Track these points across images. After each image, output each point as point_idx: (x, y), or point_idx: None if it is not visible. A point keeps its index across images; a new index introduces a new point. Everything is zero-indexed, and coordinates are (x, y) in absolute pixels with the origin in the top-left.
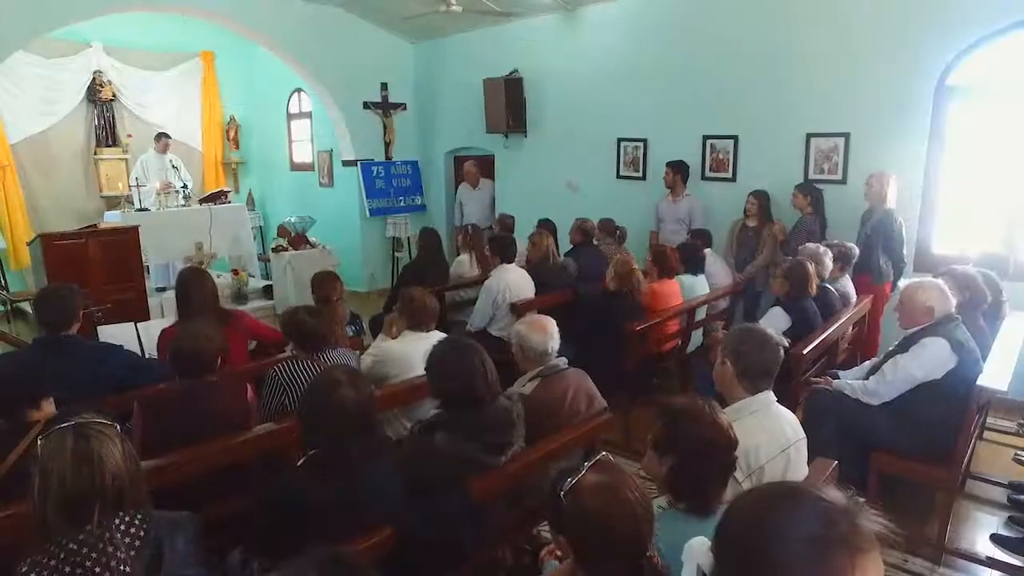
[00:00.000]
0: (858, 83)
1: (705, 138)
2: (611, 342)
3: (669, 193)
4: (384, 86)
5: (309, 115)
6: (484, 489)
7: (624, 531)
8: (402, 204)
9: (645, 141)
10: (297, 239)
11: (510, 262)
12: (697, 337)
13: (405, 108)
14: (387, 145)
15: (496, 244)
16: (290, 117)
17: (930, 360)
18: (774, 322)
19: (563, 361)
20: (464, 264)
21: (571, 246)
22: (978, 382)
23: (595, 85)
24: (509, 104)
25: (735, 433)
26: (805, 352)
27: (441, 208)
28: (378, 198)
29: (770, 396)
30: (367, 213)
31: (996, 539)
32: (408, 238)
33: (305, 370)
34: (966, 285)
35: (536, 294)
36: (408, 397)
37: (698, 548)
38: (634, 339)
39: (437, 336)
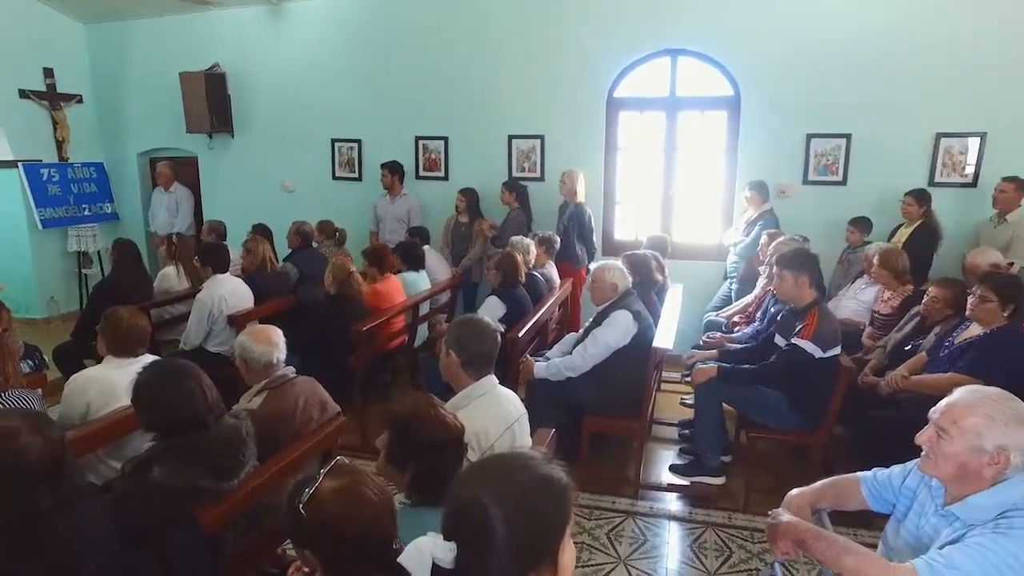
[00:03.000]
0: (550, 92)
1: (418, 139)
2: (338, 345)
3: (387, 193)
4: (49, 72)
5: None
6: (217, 517)
7: (369, 531)
8: (87, 213)
9: (359, 142)
10: None
11: (223, 272)
12: (423, 331)
13: (81, 100)
14: (60, 144)
15: (206, 253)
16: None
17: (618, 330)
18: (491, 311)
19: (291, 370)
20: (170, 277)
21: (290, 250)
22: (653, 344)
23: (306, 84)
24: (211, 101)
25: (460, 422)
26: (520, 335)
27: (138, 216)
28: (53, 207)
29: (493, 379)
30: (38, 225)
31: (672, 468)
32: (99, 252)
33: None
34: (639, 265)
35: (256, 303)
36: (114, 433)
37: (427, 545)
38: (361, 340)
39: (147, 360)
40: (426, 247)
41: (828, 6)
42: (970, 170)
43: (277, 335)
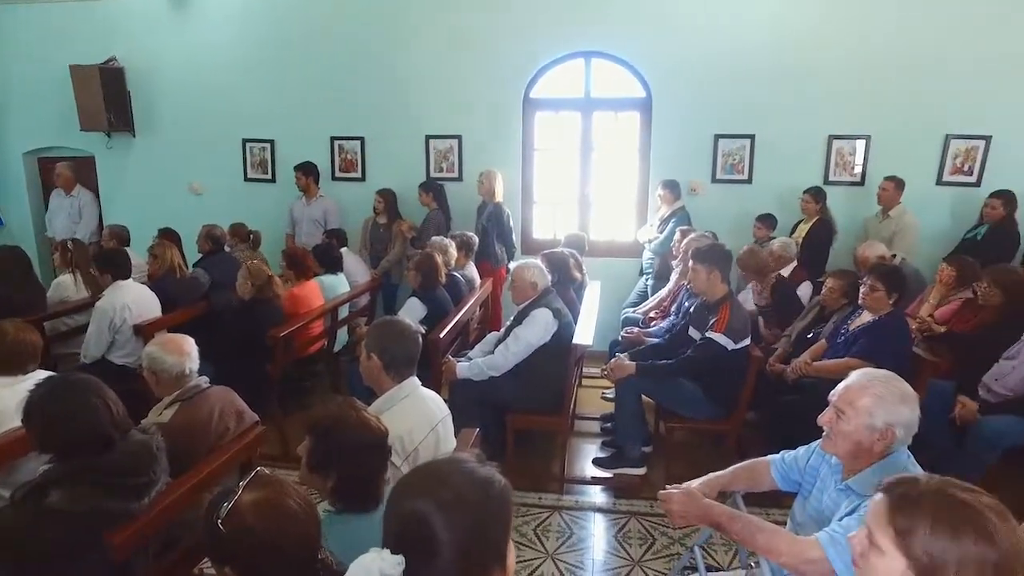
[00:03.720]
0: (468, 92)
1: (333, 139)
2: (254, 352)
3: (303, 195)
4: None
5: None
6: (126, 541)
7: (293, 542)
8: None
9: (272, 142)
10: None
11: (125, 278)
12: (343, 335)
13: None
14: None
15: (105, 260)
16: None
17: (539, 327)
18: (412, 312)
19: (204, 380)
20: (66, 286)
21: (200, 256)
22: (574, 341)
23: (215, 81)
24: (108, 98)
25: (384, 424)
26: (442, 336)
27: (27, 221)
28: None
29: (415, 381)
30: None
31: (596, 461)
32: None
33: None
34: (558, 264)
35: (164, 311)
36: (2, 459)
37: (373, 562)
38: (279, 346)
39: (40, 376)
40: (344, 249)
41: (733, 15)
42: (858, 170)
43: (189, 344)
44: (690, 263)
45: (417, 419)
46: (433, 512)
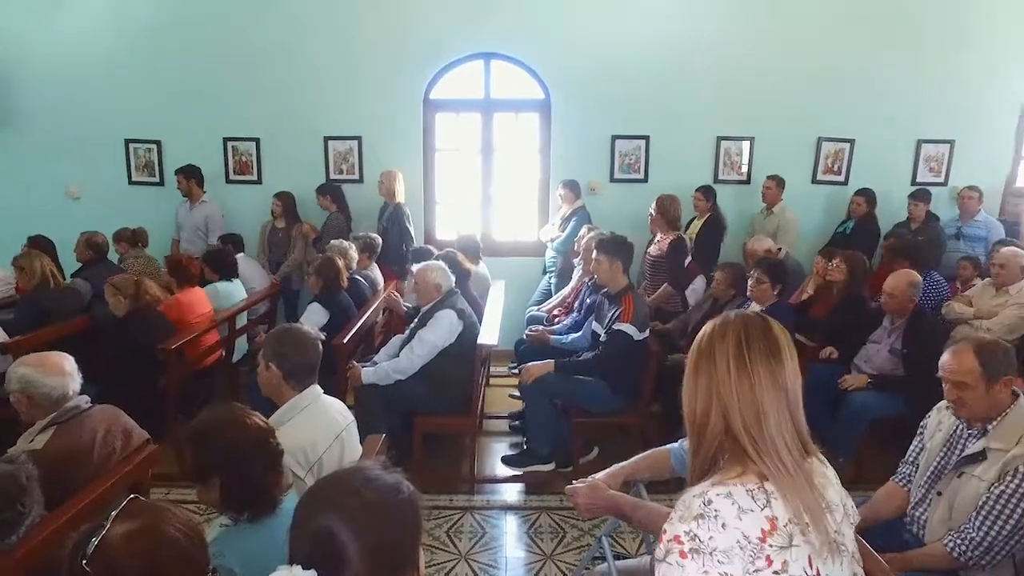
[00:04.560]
0: (367, 92)
1: (226, 140)
2: (143, 367)
3: (188, 199)
4: None
5: None
6: None
7: (175, 571)
8: None
9: (159, 143)
10: None
11: None
12: (243, 344)
13: None
14: None
15: None
16: None
17: (444, 329)
18: (314, 318)
19: (84, 400)
20: None
21: (80, 265)
22: (479, 340)
23: (94, 77)
24: None
25: (265, 422)
26: (345, 341)
27: None
28: None
29: (317, 389)
30: None
31: (504, 460)
32: None
33: None
34: (446, 262)
35: (39, 325)
36: None
37: None
38: (171, 359)
39: None
40: (241, 255)
41: (627, 21)
42: (744, 169)
43: (69, 363)
44: (593, 254)
45: (320, 429)
46: (340, 525)
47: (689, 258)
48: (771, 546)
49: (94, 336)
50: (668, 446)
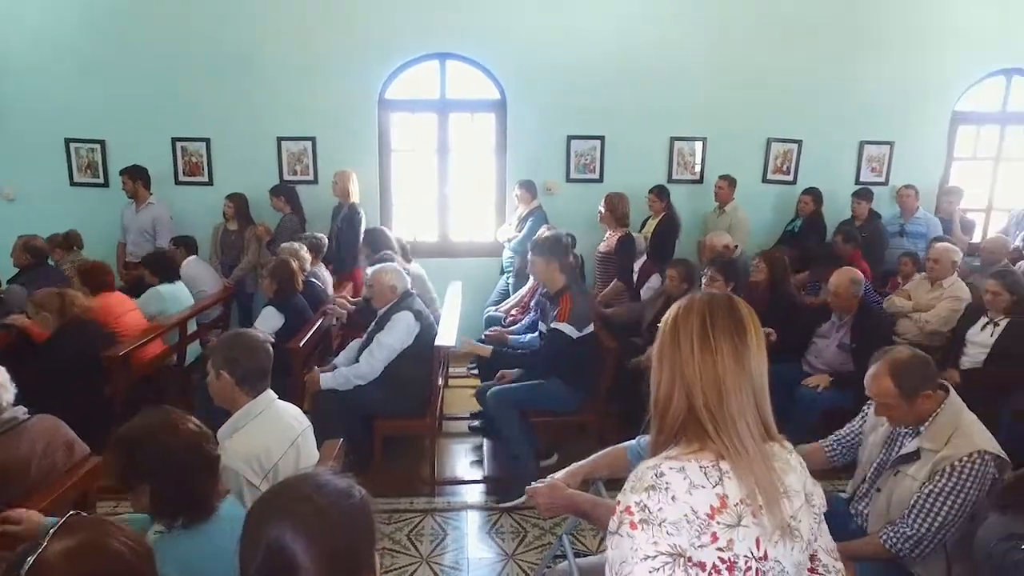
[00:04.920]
0: (321, 92)
1: (175, 140)
2: (85, 375)
3: (134, 202)
4: None
5: None
6: None
7: None
8: None
9: (103, 143)
10: None
11: None
12: (196, 349)
13: None
14: None
15: None
16: None
17: (401, 331)
18: (268, 322)
19: (21, 411)
20: None
21: (17, 270)
22: (436, 342)
23: (31, 74)
24: None
25: (197, 424)
26: (301, 345)
27: None
28: None
29: (271, 394)
30: None
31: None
32: None
33: None
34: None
35: None
36: None
37: None
38: (114, 366)
39: None
40: (193, 258)
41: (581, 22)
42: (697, 169)
43: (2, 374)
44: (529, 256)
45: (275, 435)
46: (293, 533)
47: (644, 257)
48: (718, 523)
49: (32, 344)
50: (625, 443)
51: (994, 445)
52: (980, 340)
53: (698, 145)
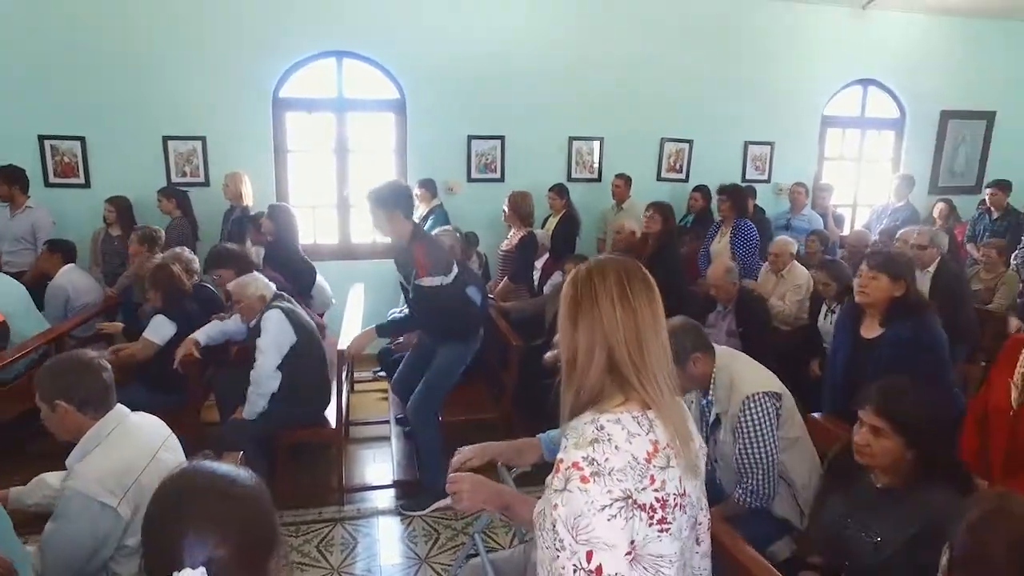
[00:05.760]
0: (211, 89)
1: (42, 138)
2: None
3: (8, 206)
4: None
5: None
6: None
7: None
8: None
9: None
10: None
11: None
12: None
13: None
14: None
15: None
16: None
17: (275, 328)
18: (160, 331)
19: None
20: None
21: None
22: (338, 346)
23: None
24: None
25: None
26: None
27: None
28: None
29: (121, 410)
30: None
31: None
32: None
33: None
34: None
35: None
36: None
37: None
38: None
39: None
40: (70, 266)
41: (478, 22)
42: (595, 167)
43: None
44: (368, 207)
45: (134, 450)
46: (199, 525)
47: (547, 255)
48: (654, 467)
49: None
50: (538, 436)
51: (760, 383)
52: (825, 328)
53: (596, 145)
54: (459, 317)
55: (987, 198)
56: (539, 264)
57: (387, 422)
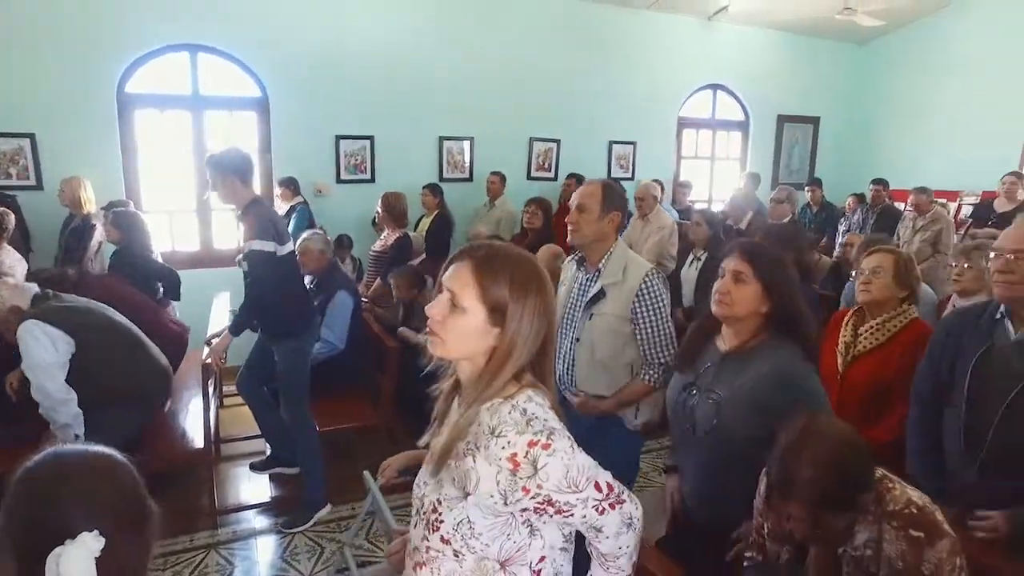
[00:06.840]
0: (40, 80)
1: None
2: None
3: None
4: None
5: None
6: None
7: None
8: None
9: None
10: None
11: None
12: None
13: None
14: None
15: None
16: None
17: (34, 344)
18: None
19: None
20: None
21: None
22: (203, 359)
23: None
24: None
25: None
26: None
27: None
28: None
29: None
30: None
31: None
32: None
33: None
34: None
35: None
36: None
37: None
38: None
39: None
40: None
41: (344, 17)
42: (467, 167)
43: None
44: (208, 172)
45: None
46: (70, 506)
47: (424, 255)
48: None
49: None
50: None
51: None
52: (689, 277)
53: (467, 144)
54: (293, 300)
55: (808, 195)
56: (415, 262)
57: (260, 436)
